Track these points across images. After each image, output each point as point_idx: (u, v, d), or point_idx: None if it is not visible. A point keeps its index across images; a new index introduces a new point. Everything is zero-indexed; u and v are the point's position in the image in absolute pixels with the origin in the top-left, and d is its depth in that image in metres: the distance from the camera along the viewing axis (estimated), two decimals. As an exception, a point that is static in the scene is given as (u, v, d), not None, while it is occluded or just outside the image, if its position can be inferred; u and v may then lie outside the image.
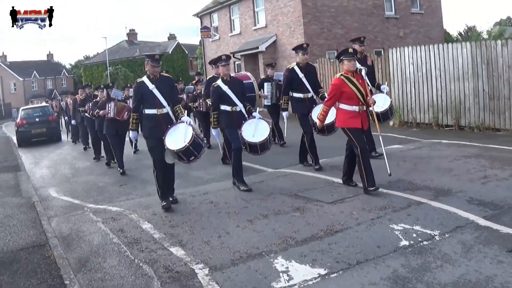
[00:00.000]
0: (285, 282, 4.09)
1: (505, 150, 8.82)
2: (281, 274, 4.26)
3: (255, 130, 7.31)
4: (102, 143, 11.75)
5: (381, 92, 8.80)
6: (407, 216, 5.54)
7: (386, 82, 11.83)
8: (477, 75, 11.87)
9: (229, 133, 7.62)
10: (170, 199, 6.80)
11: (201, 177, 8.91)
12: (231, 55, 7.10)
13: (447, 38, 28.82)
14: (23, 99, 60.29)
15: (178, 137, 6.49)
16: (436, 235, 4.92)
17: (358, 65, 7.03)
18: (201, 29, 27.35)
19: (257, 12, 23.57)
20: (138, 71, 44.81)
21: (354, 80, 6.55)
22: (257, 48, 21.49)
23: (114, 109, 10.11)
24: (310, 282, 4.07)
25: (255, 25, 23.61)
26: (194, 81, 13.70)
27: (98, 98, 11.12)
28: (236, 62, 24.59)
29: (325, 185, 7.23)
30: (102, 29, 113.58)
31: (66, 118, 19.81)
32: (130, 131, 6.92)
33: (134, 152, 12.30)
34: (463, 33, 41.50)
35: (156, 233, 5.58)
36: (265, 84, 11.86)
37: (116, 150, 10.46)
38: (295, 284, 4.05)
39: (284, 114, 8.62)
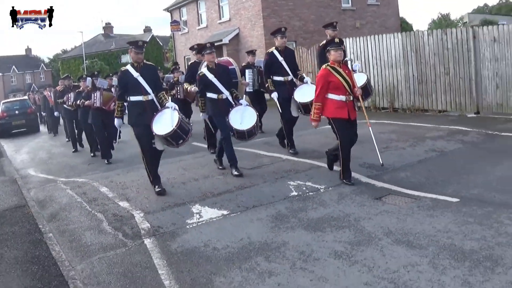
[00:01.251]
0: (196, 219, 5.78)
1: (421, 127, 10.43)
2: (195, 214, 5.95)
3: (242, 117, 7.45)
4: (83, 133, 11.86)
5: (354, 71, 9.47)
6: (305, 176, 7.23)
7: (358, 60, 13.21)
8: (408, 62, 13.63)
9: (217, 121, 7.77)
10: (161, 184, 7.02)
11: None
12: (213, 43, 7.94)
13: (405, 27, 30.59)
14: (3, 93, 60.98)
15: (165, 122, 6.63)
16: (321, 188, 6.59)
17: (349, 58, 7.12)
18: (171, 23, 28.78)
19: (221, 7, 25.10)
20: (114, 64, 46.06)
21: (341, 70, 6.59)
22: (221, 40, 23.05)
23: (100, 99, 10.13)
24: (214, 219, 5.75)
25: (220, 18, 25.15)
26: (171, 69, 13.92)
27: (81, 88, 11.18)
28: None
29: (257, 158, 8.71)
30: (79, 23, 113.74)
31: (43, 112, 20.86)
32: (115, 119, 7.04)
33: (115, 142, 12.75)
34: (436, 21, 43.12)
35: (110, 193, 7.25)
36: (247, 71, 11.87)
37: (101, 141, 10.51)
38: (203, 221, 5.73)
39: (273, 95, 8.57)
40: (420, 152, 8.15)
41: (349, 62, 6.85)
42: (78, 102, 10.92)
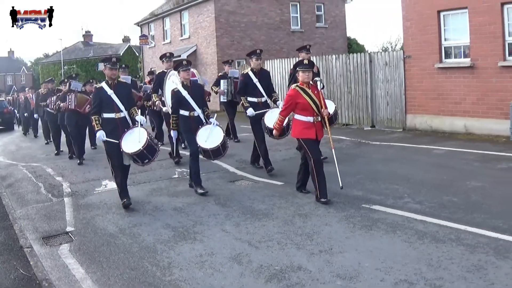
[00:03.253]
0: (101, 189, 8.62)
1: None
2: (102, 186, 8.82)
3: (209, 136, 7.58)
4: (62, 136, 12.54)
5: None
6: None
7: (320, 78, 15.43)
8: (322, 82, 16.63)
9: (186, 138, 7.92)
10: (129, 197, 7.24)
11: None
12: (190, 62, 7.95)
13: (355, 48, 33.75)
14: (-17, 94, 63.12)
15: (134, 140, 6.87)
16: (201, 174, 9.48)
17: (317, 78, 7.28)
18: (140, 36, 31.65)
19: (183, 25, 28.05)
20: (91, 71, 48.70)
21: (309, 91, 6.66)
22: (180, 56, 25.98)
23: (75, 101, 10.46)
24: (113, 189, 8.42)
25: (181, 35, 28.10)
26: (147, 80, 14.46)
27: (62, 92, 11.44)
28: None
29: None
30: (62, 29, 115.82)
31: (18, 112, 23.17)
32: (97, 132, 7.00)
33: (93, 147, 13.26)
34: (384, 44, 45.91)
35: (52, 172, 10.18)
36: (222, 81, 12.10)
37: (75, 141, 10.95)
38: (106, 189, 8.53)
39: (249, 111, 8.61)
40: (290, 154, 10.44)
41: (318, 83, 6.95)
42: (55, 105, 11.31)
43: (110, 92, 6.98)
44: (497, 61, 11.18)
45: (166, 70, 9.96)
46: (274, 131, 7.27)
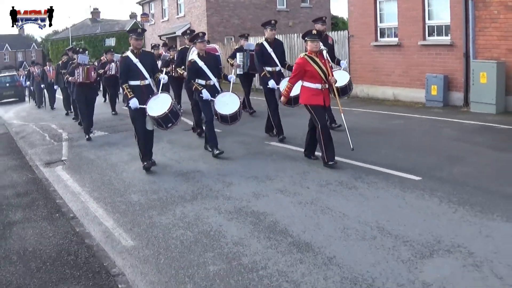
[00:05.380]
0: (92, 135, 11.36)
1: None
2: (93, 133, 11.57)
3: (227, 103, 7.85)
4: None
5: (340, 67, 9.31)
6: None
7: (346, 59, 14.18)
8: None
9: (202, 106, 8.13)
10: (150, 161, 7.54)
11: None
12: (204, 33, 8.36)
13: (341, 26, 35.98)
14: (-4, 69, 66.21)
15: (158, 105, 7.15)
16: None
17: (322, 46, 7.18)
18: (141, 14, 34.24)
19: (179, 4, 30.51)
20: (98, 46, 51.32)
21: (317, 59, 6.82)
22: (175, 33, 28.56)
23: (82, 74, 10.46)
24: (101, 135, 11.36)
25: (177, 14, 30.61)
26: (160, 52, 14.90)
27: (70, 66, 11.38)
28: (164, 42, 31.65)
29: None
30: (71, 6, 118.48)
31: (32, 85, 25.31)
32: (130, 100, 7.14)
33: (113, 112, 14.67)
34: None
35: (55, 127, 13.11)
36: (238, 54, 12.06)
37: (83, 116, 11.14)
38: (95, 136, 11.32)
39: (270, 83, 8.65)
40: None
41: (324, 52, 7.01)
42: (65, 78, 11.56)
43: (135, 60, 7.25)
44: (418, 40, 13.66)
45: (188, 46, 10.38)
46: (282, 98, 7.41)
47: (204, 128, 8.94)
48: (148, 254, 4.54)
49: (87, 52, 12.01)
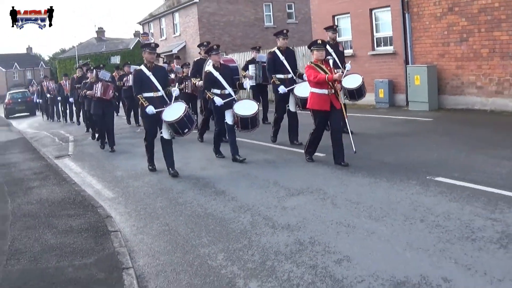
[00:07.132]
0: (96, 138, 13.86)
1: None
2: (96, 136, 14.06)
3: (245, 107, 8.10)
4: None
5: (347, 70, 9.12)
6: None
7: (350, 61, 17.06)
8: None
9: (216, 116, 8.39)
10: (171, 171, 7.78)
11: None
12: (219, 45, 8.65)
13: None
14: (5, 87, 68.38)
15: (173, 112, 7.43)
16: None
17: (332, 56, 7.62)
18: (141, 34, 36.97)
19: (175, 24, 33.15)
20: (104, 64, 53.84)
21: (323, 66, 7.19)
22: (171, 51, 31.18)
23: (101, 89, 10.77)
24: None
25: (174, 33, 33.26)
26: (172, 65, 15.44)
27: (88, 80, 11.79)
28: (163, 60, 34.30)
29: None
30: (76, 25, 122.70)
31: (39, 100, 26.66)
32: (147, 108, 7.40)
33: (138, 125, 14.65)
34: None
35: (64, 132, 15.67)
36: (250, 66, 12.40)
37: (101, 130, 11.50)
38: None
39: (280, 89, 8.85)
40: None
41: (330, 61, 7.38)
42: (82, 92, 11.84)
43: (148, 73, 7.51)
44: (368, 51, 16.04)
45: (203, 57, 10.54)
46: (327, 77, 7.02)
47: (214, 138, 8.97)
48: (121, 200, 6.90)
49: (104, 69, 12.46)
